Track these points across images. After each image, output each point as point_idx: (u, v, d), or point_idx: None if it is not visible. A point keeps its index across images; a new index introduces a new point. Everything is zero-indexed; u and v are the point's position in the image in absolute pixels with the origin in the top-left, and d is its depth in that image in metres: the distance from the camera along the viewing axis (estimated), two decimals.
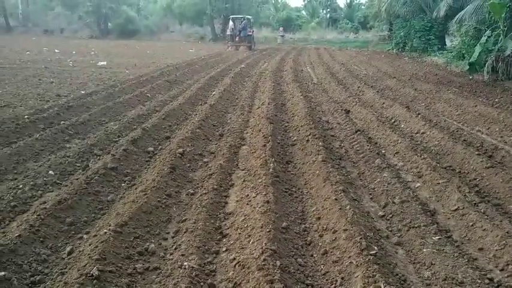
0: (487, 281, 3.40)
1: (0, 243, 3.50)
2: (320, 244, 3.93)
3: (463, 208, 4.49)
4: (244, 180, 5.31)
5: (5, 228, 4.01)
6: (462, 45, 17.11)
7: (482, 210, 4.43)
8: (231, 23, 32.82)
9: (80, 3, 48.03)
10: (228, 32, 32.65)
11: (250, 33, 32.18)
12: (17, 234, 3.67)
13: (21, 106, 9.27)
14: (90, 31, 48.60)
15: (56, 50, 25.07)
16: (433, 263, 3.61)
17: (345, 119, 8.65)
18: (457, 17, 16.58)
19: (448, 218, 4.48)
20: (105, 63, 18.78)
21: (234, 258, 3.56)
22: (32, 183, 4.95)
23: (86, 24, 49.68)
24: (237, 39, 31.90)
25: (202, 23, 50.03)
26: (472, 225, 4.18)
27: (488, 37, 13.83)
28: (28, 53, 22.64)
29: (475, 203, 4.60)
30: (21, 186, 4.85)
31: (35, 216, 4.02)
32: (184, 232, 4.02)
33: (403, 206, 4.65)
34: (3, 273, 3.22)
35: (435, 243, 3.90)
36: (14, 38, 38.28)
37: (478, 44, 14.12)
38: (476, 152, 6.15)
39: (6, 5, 50.76)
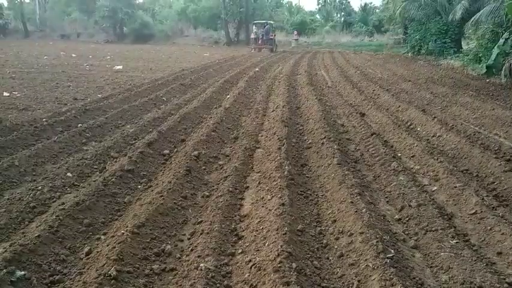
0: (506, 285, 3.36)
1: (20, 243, 3.55)
2: (336, 247, 3.91)
3: (481, 212, 4.43)
4: (259, 183, 5.32)
5: (25, 229, 4.07)
6: (479, 48, 16.95)
7: (500, 214, 4.37)
8: (254, 27, 36.34)
9: (96, 8, 48.69)
10: (252, 36, 36.35)
11: (272, 37, 35.07)
12: (36, 235, 3.72)
13: (39, 109, 9.42)
14: (106, 36, 49.21)
15: (73, 55, 25.43)
16: (450, 266, 3.57)
17: (360, 122, 8.61)
18: (473, 19, 16.42)
19: (466, 222, 4.44)
20: (121, 67, 18.98)
21: (250, 260, 3.57)
22: (50, 184, 5.02)
23: (102, 29, 50.35)
24: (259, 42, 34.91)
25: (217, 27, 50.36)
26: (490, 229, 4.13)
27: (506, 39, 13.67)
28: (46, 57, 22.99)
29: (493, 207, 4.55)
30: (40, 187, 4.92)
31: (54, 217, 4.07)
32: (200, 234, 4.04)
33: (420, 210, 4.61)
34: (23, 272, 3.27)
35: (453, 247, 3.86)
36: (32, 42, 38.95)
37: (495, 47, 13.95)
38: (494, 156, 6.08)
39: (24, 10, 51.72)
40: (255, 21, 38.89)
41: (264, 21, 37.93)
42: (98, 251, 3.68)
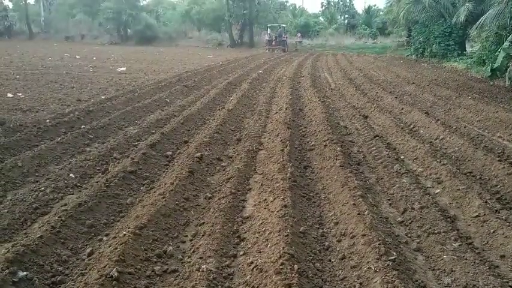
0: None
1: (23, 244, 3.57)
2: (338, 249, 3.91)
3: (484, 215, 4.42)
4: (261, 185, 5.32)
5: (27, 230, 4.09)
6: (483, 50, 16.91)
7: (503, 217, 4.36)
8: (268, 30, 40.46)
9: (101, 10, 48.82)
10: (266, 38, 39.89)
11: (284, 39, 39.19)
12: (38, 235, 3.73)
13: (43, 110, 9.45)
14: (110, 37, 49.35)
15: (77, 56, 25.52)
16: (453, 269, 3.56)
17: (363, 125, 8.60)
18: (478, 23, 16.38)
19: (469, 225, 4.42)
20: (124, 68, 19.02)
21: (252, 262, 3.56)
22: (53, 185, 5.04)
23: (106, 30, 50.50)
24: (273, 43, 38.79)
25: (220, 29, 50.39)
26: (494, 232, 4.11)
27: (511, 42, 13.62)
28: (50, 59, 23.07)
29: (496, 210, 4.54)
30: (42, 188, 4.94)
31: (56, 218, 4.09)
32: (202, 235, 4.04)
33: (423, 212, 4.60)
34: (25, 273, 3.28)
35: (455, 250, 3.84)
36: (37, 44, 39.12)
37: (501, 49, 13.91)
38: (498, 159, 6.05)
39: (29, 12, 51.96)
40: (269, 25, 42.07)
41: (277, 25, 41.58)
42: (100, 252, 3.68)
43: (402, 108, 10.15)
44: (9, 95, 11.21)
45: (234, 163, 6.19)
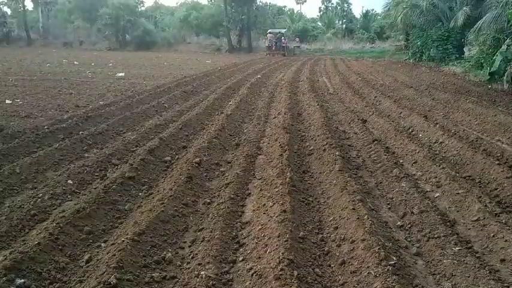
0: None
1: (20, 251, 3.54)
2: (338, 254, 3.89)
3: (484, 218, 4.40)
4: (260, 190, 5.30)
5: (25, 236, 4.07)
6: (480, 54, 16.94)
7: (503, 221, 4.34)
8: (269, 35, 41.59)
9: (99, 16, 48.92)
10: (267, 43, 41.65)
11: (284, 44, 41.13)
12: (36, 242, 3.71)
13: (41, 117, 9.43)
14: (109, 43, 49.40)
15: (75, 62, 25.54)
16: (453, 274, 3.54)
17: (362, 129, 8.59)
18: (475, 26, 16.43)
19: (469, 229, 4.40)
20: (123, 74, 19.03)
21: (251, 268, 3.54)
22: (51, 192, 5.01)
23: (104, 36, 50.56)
24: (273, 48, 40.55)
25: (219, 35, 50.56)
26: (493, 236, 4.10)
27: (509, 46, 13.65)
28: (48, 65, 23.08)
29: (496, 214, 4.52)
30: (40, 195, 4.92)
31: (54, 225, 4.07)
32: (201, 241, 4.02)
33: (422, 216, 4.58)
34: (22, 280, 3.26)
35: (455, 254, 3.83)
36: (35, 50, 39.12)
37: (498, 53, 13.93)
38: (497, 162, 6.04)
39: (28, 18, 52.07)
40: (269, 30, 43.32)
41: (277, 31, 43.15)
42: (98, 259, 3.66)
43: (401, 112, 10.15)
44: (8, 101, 11.20)
45: (232, 168, 6.18)
